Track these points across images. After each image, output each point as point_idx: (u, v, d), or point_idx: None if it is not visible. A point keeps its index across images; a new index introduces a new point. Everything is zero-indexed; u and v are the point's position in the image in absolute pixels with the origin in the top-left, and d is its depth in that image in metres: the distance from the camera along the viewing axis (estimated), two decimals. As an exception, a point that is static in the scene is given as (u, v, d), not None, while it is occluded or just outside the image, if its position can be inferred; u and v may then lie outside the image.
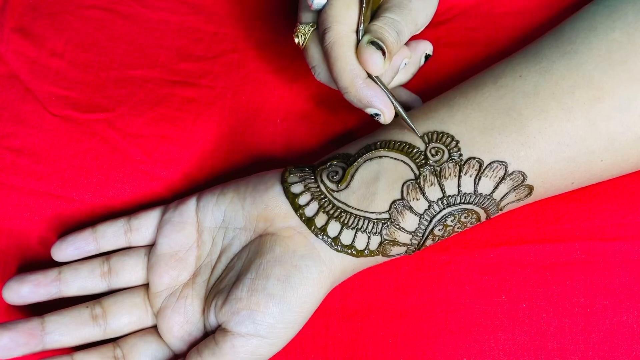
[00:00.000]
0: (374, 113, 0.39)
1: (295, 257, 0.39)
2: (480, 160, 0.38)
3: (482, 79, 0.41)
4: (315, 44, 0.40)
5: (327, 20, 0.38)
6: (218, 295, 0.39)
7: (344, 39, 0.38)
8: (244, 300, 0.38)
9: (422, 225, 0.39)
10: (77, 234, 0.43)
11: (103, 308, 0.41)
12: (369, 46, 0.37)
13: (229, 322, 0.38)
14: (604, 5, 0.40)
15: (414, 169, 0.39)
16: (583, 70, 0.38)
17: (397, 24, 0.38)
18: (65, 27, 0.49)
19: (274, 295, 0.38)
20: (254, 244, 0.40)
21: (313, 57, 0.41)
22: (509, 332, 0.41)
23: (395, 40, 0.38)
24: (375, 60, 0.37)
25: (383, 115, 0.39)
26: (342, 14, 0.38)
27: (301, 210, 0.39)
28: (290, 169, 0.41)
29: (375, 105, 0.38)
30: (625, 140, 0.38)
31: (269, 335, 0.38)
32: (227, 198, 0.41)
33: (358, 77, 0.38)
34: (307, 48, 0.41)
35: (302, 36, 0.40)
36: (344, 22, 0.38)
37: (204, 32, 0.49)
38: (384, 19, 0.38)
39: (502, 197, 0.39)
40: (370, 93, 0.38)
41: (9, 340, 0.39)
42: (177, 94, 0.47)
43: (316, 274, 0.39)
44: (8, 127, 0.47)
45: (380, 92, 0.38)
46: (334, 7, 0.38)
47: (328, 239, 0.39)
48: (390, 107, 0.39)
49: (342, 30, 0.38)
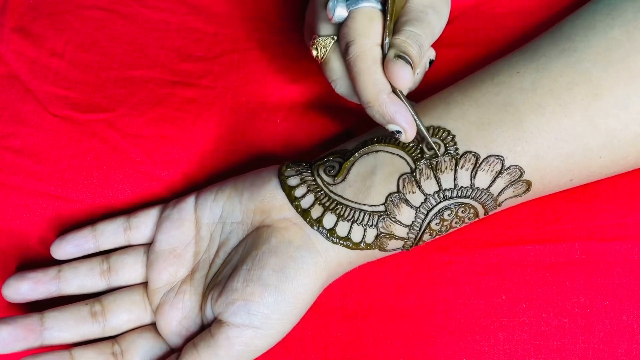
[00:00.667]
0: (395, 130, 0.37)
1: (290, 248, 0.39)
2: (477, 154, 0.39)
3: (480, 76, 0.41)
4: (337, 57, 0.39)
5: (350, 33, 0.37)
6: (215, 288, 0.40)
7: (368, 53, 0.36)
8: (239, 290, 0.38)
9: (419, 219, 0.39)
10: (77, 232, 0.43)
11: (102, 306, 0.42)
12: (397, 60, 0.36)
13: (224, 313, 0.38)
14: (604, 4, 0.41)
15: (409, 163, 0.39)
16: (581, 68, 0.38)
17: (419, 37, 0.37)
18: (65, 27, 0.49)
19: (268, 285, 0.38)
20: (251, 237, 0.40)
21: (334, 70, 0.39)
22: (509, 332, 0.41)
23: (418, 53, 0.37)
24: (404, 74, 0.36)
25: (405, 133, 0.37)
26: (365, 27, 0.37)
27: (297, 202, 0.40)
28: (288, 163, 0.41)
29: (398, 122, 0.37)
30: (624, 137, 0.39)
31: (263, 326, 0.38)
32: (225, 194, 0.42)
33: (383, 91, 0.36)
34: (327, 61, 0.39)
35: (322, 49, 0.39)
36: (367, 35, 0.37)
37: (204, 32, 0.49)
38: (406, 32, 0.37)
39: (500, 192, 0.39)
40: (393, 109, 0.37)
41: (8, 335, 0.40)
42: (177, 94, 0.47)
43: (311, 265, 0.39)
44: (8, 127, 0.47)
45: (403, 109, 0.37)
46: (357, 20, 0.37)
47: (324, 230, 0.39)
48: (413, 125, 0.37)
49: (366, 44, 0.36)
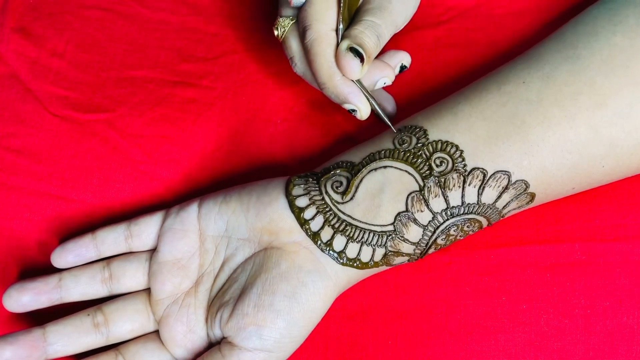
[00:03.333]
0: (350, 109, 0.40)
1: (301, 273, 0.39)
2: (484, 170, 0.38)
3: (486, 84, 0.41)
4: (294, 37, 0.41)
5: (307, 18, 0.39)
6: (223, 308, 0.39)
7: (323, 37, 0.39)
8: (250, 315, 0.38)
9: (426, 236, 0.39)
10: (77, 240, 0.42)
11: (105, 315, 0.41)
12: (347, 52, 0.38)
13: (235, 337, 0.38)
14: (605, 9, 0.40)
15: (418, 180, 0.39)
16: (586, 76, 0.38)
17: (378, 27, 0.39)
18: (65, 27, 0.49)
19: (280, 312, 0.38)
20: (259, 257, 0.40)
21: (291, 48, 0.42)
22: (509, 333, 0.41)
23: (375, 44, 0.39)
24: (353, 66, 0.39)
25: (359, 111, 0.40)
26: (321, 12, 0.39)
27: (307, 225, 0.39)
28: (294, 179, 0.41)
29: (352, 101, 0.40)
30: (627, 146, 0.38)
31: (275, 350, 0.38)
32: (230, 207, 0.41)
33: (336, 73, 0.39)
34: (285, 40, 0.42)
35: (282, 29, 0.42)
36: (323, 21, 0.39)
37: (205, 33, 0.49)
38: (365, 22, 0.39)
39: (505, 206, 0.39)
40: (347, 90, 0.40)
41: (12, 355, 0.39)
42: (177, 94, 0.47)
43: (322, 289, 0.39)
44: (8, 127, 0.47)
45: (356, 90, 0.40)
46: (314, 5, 0.39)
47: (334, 254, 0.39)
48: (366, 104, 0.40)
49: (321, 29, 0.39)
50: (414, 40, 0.47)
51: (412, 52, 0.44)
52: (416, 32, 0.47)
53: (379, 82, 0.41)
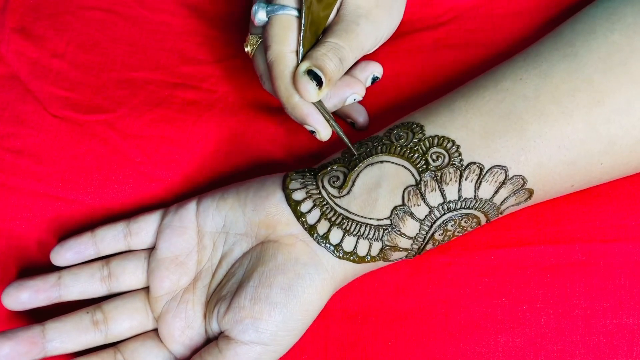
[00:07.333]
0: (310, 130, 0.40)
1: (298, 265, 0.39)
2: (481, 165, 0.39)
3: (483, 82, 0.41)
4: (262, 55, 0.41)
5: (268, 38, 0.39)
6: (220, 302, 0.39)
7: (282, 59, 0.39)
8: (246, 308, 0.38)
9: (423, 231, 0.39)
10: (76, 238, 0.43)
11: (104, 313, 0.41)
12: (304, 75, 0.38)
13: (232, 330, 0.38)
14: (603, 7, 0.41)
15: (414, 175, 0.39)
16: (583, 73, 0.38)
17: (341, 50, 0.39)
18: (66, 28, 0.49)
19: (277, 304, 0.38)
20: (256, 251, 0.40)
21: (259, 66, 0.42)
22: (509, 334, 0.41)
23: (336, 67, 0.39)
24: (310, 89, 0.38)
25: (318, 133, 0.40)
26: (281, 33, 0.39)
27: (303, 217, 0.39)
28: (291, 174, 0.41)
29: (310, 123, 0.39)
30: (625, 143, 0.39)
31: (272, 343, 0.38)
32: (227, 203, 0.41)
33: (294, 95, 0.39)
34: (254, 58, 0.42)
35: (251, 46, 0.42)
36: (282, 42, 0.39)
37: (206, 35, 0.49)
38: (328, 44, 0.39)
39: (502, 201, 0.39)
40: (305, 112, 0.39)
41: (11, 350, 0.39)
42: (178, 95, 0.48)
43: (319, 282, 0.39)
44: (8, 127, 0.47)
45: (314, 111, 0.39)
46: (274, 27, 0.39)
47: (330, 247, 0.39)
48: (325, 126, 0.40)
49: (280, 50, 0.39)
50: (413, 41, 0.47)
51: (411, 53, 0.44)
52: (415, 34, 0.48)
53: (349, 98, 0.41)
